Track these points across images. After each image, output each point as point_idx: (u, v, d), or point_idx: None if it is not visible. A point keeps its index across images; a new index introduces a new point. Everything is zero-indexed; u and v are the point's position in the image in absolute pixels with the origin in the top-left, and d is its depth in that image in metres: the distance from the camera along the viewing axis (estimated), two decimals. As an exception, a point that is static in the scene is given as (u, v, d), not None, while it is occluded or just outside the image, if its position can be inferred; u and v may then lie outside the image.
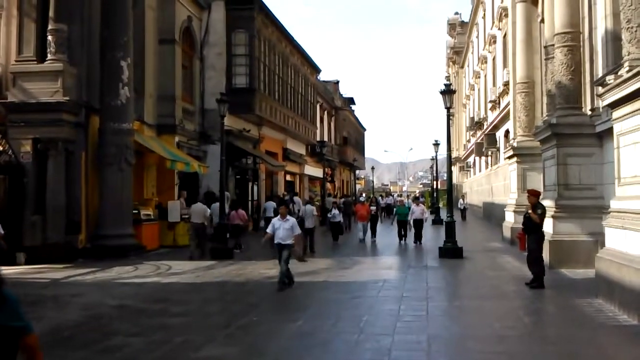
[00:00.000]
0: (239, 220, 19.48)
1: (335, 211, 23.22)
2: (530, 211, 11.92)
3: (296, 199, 28.09)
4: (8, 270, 14.94)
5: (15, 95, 17.12)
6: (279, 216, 12.18)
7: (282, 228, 11.91)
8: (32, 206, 16.79)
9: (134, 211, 18.85)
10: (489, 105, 33.55)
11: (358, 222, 23.62)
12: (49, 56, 17.16)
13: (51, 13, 17.16)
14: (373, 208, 24.62)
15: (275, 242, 11.95)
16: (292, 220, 12.12)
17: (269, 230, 12.25)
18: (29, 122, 16.80)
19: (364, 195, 56.77)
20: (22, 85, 17.14)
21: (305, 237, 17.95)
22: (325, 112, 49.00)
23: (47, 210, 16.77)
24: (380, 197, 46.18)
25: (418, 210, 21.84)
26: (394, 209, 25.07)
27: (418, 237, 21.35)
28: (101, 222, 17.76)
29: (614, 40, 12.64)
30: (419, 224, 21.61)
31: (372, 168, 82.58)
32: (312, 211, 19.79)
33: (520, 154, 19.94)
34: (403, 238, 22.07)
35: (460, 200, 41.53)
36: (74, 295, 11.60)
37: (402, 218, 22.24)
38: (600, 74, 13.42)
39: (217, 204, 19.11)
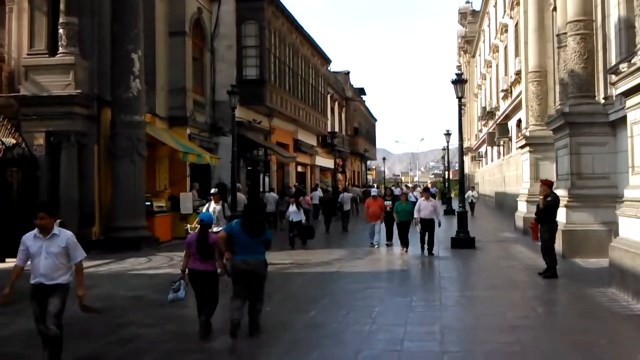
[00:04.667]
0: (306, 204, 23.75)
1: (292, 208, 17.88)
2: (540, 197, 11.94)
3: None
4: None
5: (27, 89, 17.22)
6: (35, 231, 6.25)
7: (46, 253, 6.17)
8: (45, 199, 16.87)
9: (146, 203, 18.93)
10: (501, 94, 33.33)
11: (369, 222, 17.93)
12: (61, 49, 17.23)
13: (62, 6, 17.21)
14: (388, 203, 18.01)
15: (33, 281, 6.24)
16: (64, 235, 6.31)
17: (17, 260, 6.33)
18: (42, 115, 16.91)
19: (375, 186, 44.79)
20: (34, 79, 17.23)
21: (342, 219, 23.55)
22: (336, 103, 48.89)
23: (60, 203, 16.85)
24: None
25: (428, 207, 15.76)
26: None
27: (429, 244, 15.68)
28: (114, 214, 17.87)
29: (627, 28, 12.51)
30: (429, 225, 15.62)
31: (384, 159, 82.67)
32: (349, 198, 24.38)
33: (533, 144, 19.81)
34: (406, 247, 16.23)
35: (469, 192, 33.77)
36: (87, 286, 11.62)
37: (403, 218, 16.33)
38: (613, 62, 13.27)
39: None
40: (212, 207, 14.12)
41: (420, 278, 12.34)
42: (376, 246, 17.43)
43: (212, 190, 15.23)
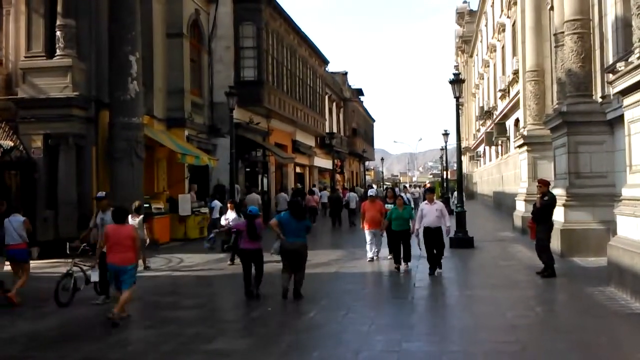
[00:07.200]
0: (314, 202, 27.77)
1: (232, 214, 14.74)
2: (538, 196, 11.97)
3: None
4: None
5: (25, 91, 17.22)
6: None
7: None
8: (44, 201, 16.90)
9: (145, 205, 18.89)
10: (499, 94, 33.34)
11: (365, 230, 14.73)
12: (58, 52, 17.22)
13: (59, 8, 17.21)
14: (390, 207, 14.19)
15: None
16: None
17: None
18: (40, 118, 16.90)
19: (374, 187, 36.65)
20: (32, 81, 17.22)
21: (349, 216, 26.23)
22: (334, 104, 48.90)
23: (59, 205, 16.88)
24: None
25: (433, 212, 12.62)
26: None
27: (436, 261, 12.57)
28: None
29: (624, 27, 12.54)
30: (435, 236, 12.53)
31: (382, 159, 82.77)
32: (355, 197, 27.43)
33: (531, 143, 19.82)
34: (401, 261, 13.23)
35: (455, 193, 26.94)
36: (88, 287, 11.67)
37: (399, 228, 13.28)
38: (610, 61, 13.31)
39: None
40: (100, 217, 10.86)
41: (420, 278, 12.33)
42: (375, 259, 14.59)
43: (99, 194, 11.73)
